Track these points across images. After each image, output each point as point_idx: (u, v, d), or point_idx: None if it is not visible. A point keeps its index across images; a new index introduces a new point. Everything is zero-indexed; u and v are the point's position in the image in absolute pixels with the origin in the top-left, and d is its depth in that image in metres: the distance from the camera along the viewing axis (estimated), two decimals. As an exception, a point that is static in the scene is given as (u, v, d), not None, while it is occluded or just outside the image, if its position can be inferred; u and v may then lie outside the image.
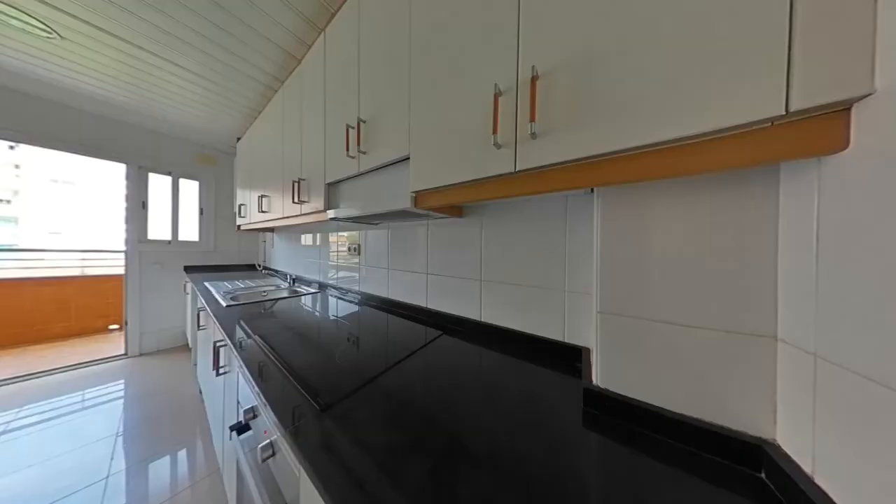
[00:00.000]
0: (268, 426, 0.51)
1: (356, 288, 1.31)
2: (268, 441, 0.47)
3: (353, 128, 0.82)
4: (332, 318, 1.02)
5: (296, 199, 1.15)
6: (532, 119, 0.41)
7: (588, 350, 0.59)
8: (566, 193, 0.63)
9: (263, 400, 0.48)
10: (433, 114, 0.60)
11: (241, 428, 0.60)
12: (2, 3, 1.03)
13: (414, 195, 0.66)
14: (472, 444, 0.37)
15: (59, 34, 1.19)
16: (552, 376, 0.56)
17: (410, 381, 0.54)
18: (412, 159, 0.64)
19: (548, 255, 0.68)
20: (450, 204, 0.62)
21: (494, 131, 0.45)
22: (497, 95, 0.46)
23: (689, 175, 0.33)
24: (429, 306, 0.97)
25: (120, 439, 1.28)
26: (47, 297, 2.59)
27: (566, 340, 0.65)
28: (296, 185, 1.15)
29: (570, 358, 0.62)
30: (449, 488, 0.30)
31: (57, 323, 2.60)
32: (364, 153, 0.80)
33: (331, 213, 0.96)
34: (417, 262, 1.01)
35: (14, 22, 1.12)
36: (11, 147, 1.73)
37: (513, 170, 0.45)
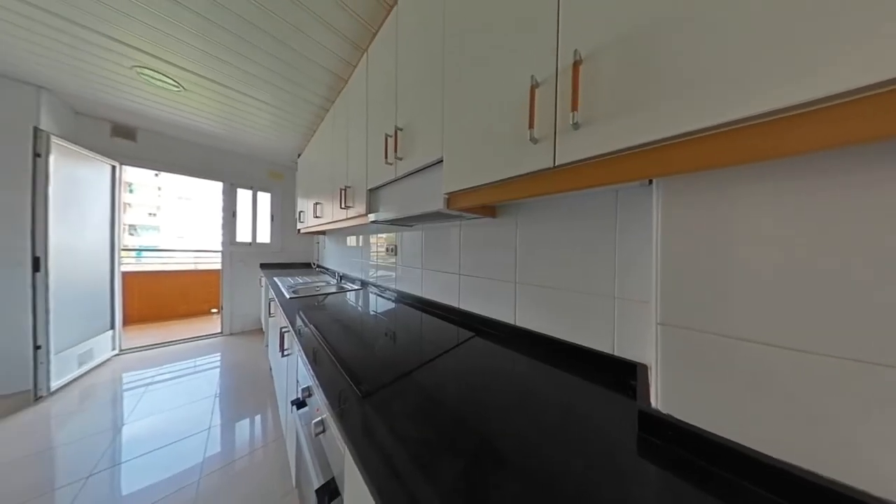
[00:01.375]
0: (320, 405, 0.57)
1: (393, 286, 1.40)
2: (320, 418, 0.54)
3: (390, 136, 0.87)
4: (371, 313, 1.11)
5: (342, 205, 1.28)
6: (574, 108, 0.37)
7: (645, 367, 0.51)
8: (616, 187, 0.56)
9: (316, 382, 0.55)
10: (465, 115, 0.59)
11: (299, 403, 0.69)
12: (151, 69, 1.42)
13: (447, 196, 0.67)
14: (505, 452, 0.35)
15: (183, 87, 1.57)
16: (598, 392, 0.50)
17: (442, 379, 0.54)
18: (445, 161, 0.65)
19: (592, 257, 0.61)
20: (483, 204, 0.61)
21: (531, 125, 0.43)
22: (533, 87, 0.43)
23: (797, 154, 0.26)
24: (461, 307, 0.97)
25: (217, 399, 1.62)
26: (175, 286, 3.44)
27: (616, 354, 0.57)
28: (342, 192, 1.28)
29: (622, 374, 0.54)
30: (480, 493, 0.29)
31: (180, 305, 3.42)
32: (400, 159, 0.84)
33: (371, 217, 1.05)
34: (450, 263, 1.02)
35: (156, 82, 1.53)
36: (156, 175, 2.33)
37: (551, 165, 0.42)
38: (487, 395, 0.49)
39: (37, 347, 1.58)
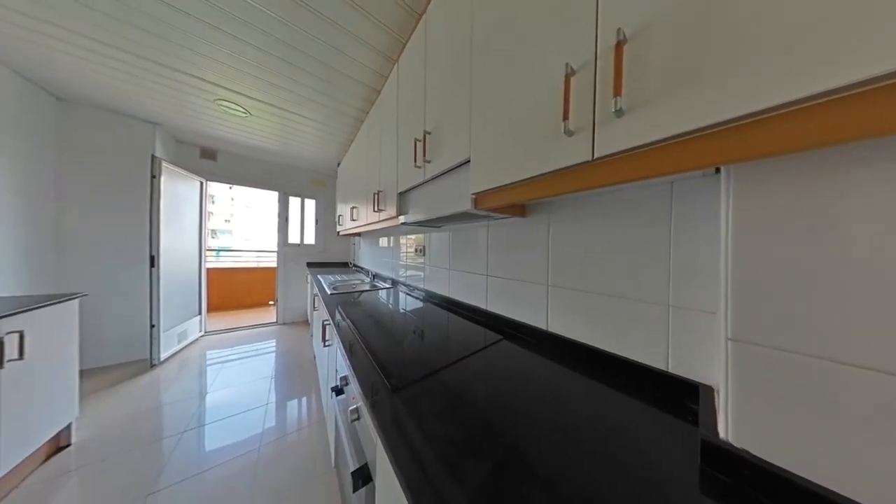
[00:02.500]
0: (355, 394, 0.62)
1: (421, 286, 1.43)
2: (355, 406, 0.58)
3: (419, 140, 0.90)
4: (401, 311, 1.15)
5: (375, 208, 1.36)
6: (617, 93, 0.33)
7: (710, 389, 0.43)
8: (672, 178, 0.48)
9: (352, 372, 0.59)
10: (494, 113, 0.58)
11: (338, 391, 0.76)
12: (227, 100, 1.71)
13: (474, 197, 0.66)
14: (536, 464, 0.33)
15: (249, 112, 1.86)
16: (646, 411, 0.44)
17: (470, 381, 0.54)
18: (472, 161, 0.64)
19: (640, 259, 0.54)
20: (512, 203, 0.59)
21: (565, 117, 0.40)
22: (568, 76, 0.40)
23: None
24: (488, 308, 0.95)
25: (273, 380, 1.87)
26: (243, 280, 4.08)
27: (671, 371, 0.49)
28: (375, 196, 1.36)
29: (678, 394, 0.47)
30: (510, 502, 0.28)
31: (246, 297, 4.04)
32: (429, 162, 0.86)
33: (401, 219, 1.09)
34: (477, 264, 1.01)
35: (230, 110, 1.83)
36: (230, 187, 2.81)
37: (590, 158, 0.38)
38: (517, 402, 0.47)
39: (152, 326, 2.04)
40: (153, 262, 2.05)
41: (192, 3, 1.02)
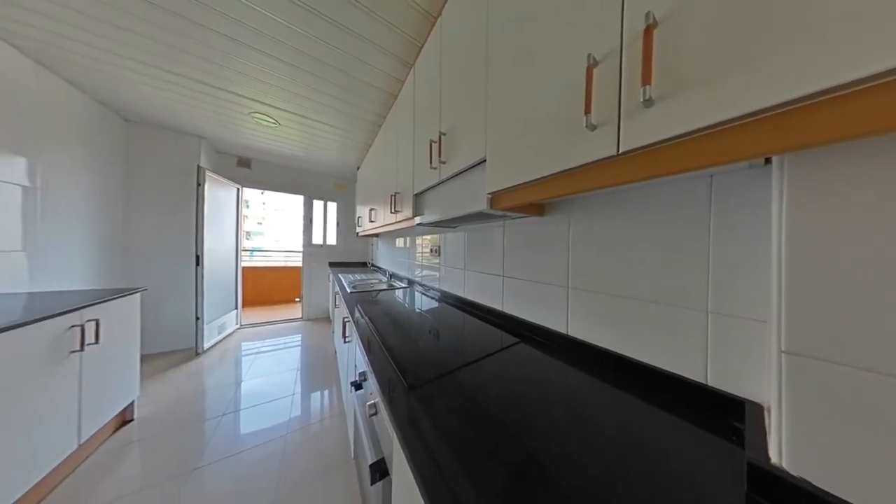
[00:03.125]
0: (373, 389, 0.64)
1: (436, 286, 1.45)
2: (373, 402, 0.60)
3: (435, 142, 0.91)
4: (417, 310, 1.17)
5: (392, 210, 1.40)
6: (646, 82, 0.31)
7: (758, 407, 0.39)
8: (711, 171, 0.44)
9: (370, 368, 0.61)
10: (510, 110, 0.57)
11: (357, 385, 0.79)
12: (260, 113, 1.86)
13: (490, 196, 0.66)
14: (556, 473, 0.32)
15: (279, 123, 2.01)
16: (681, 428, 0.41)
17: (485, 382, 0.53)
18: (488, 161, 0.64)
19: (674, 260, 0.50)
20: (529, 202, 0.57)
21: (587, 110, 0.38)
22: (591, 68, 0.38)
23: None
24: (504, 310, 0.93)
25: (299, 372, 1.99)
26: (272, 278, 4.40)
27: (710, 384, 0.45)
28: (392, 197, 1.40)
29: (719, 410, 0.43)
30: (525, 514, 0.28)
31: (275, 294, 4.36)
32: (444, 163, 0.87)
33: (417, 220, 1.11)
34: (493, 264, 1.00)
35: (262, 122, 1.99)
36: (262, 193, 3.05)
37: (614, 152, 0.36)
38: (535, 408, 0.45)
39: (197, 318, 2.27)
40: (198, 260, 2.28)
41: (232, 27, 1.12)
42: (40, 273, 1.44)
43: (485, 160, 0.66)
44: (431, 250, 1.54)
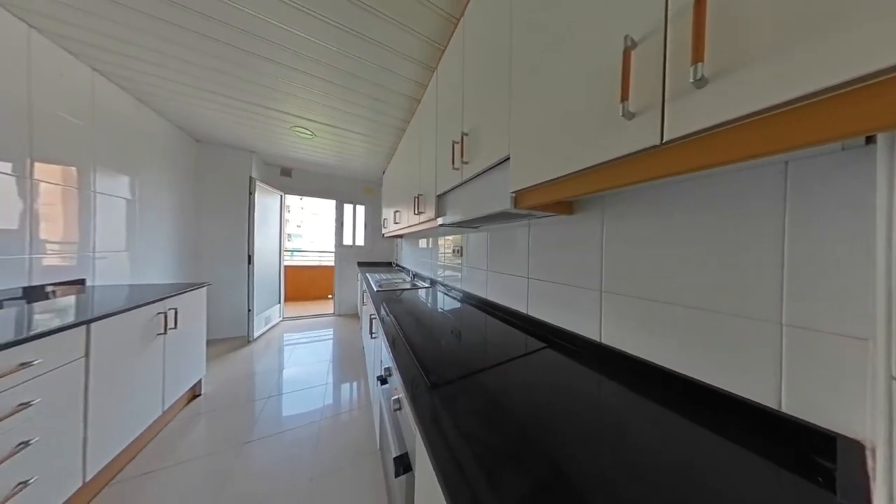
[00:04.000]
0: (397, 385, 0.66)
1: (458, 286, 1.45)
2: (397, 397, 0.62)
3: (457, 142, 0.91)
4: (439, 310, 1.18)
5: (415, 211, 1.44)
6: (698, 59, 0.27)
7: (857, 445, 0.32)
8: (788, 157, 0.37)
9: (394, 364, 0.64)
10: (535, 105, 0.55)
11: (382, 380, 0.83)
12: (299, 126, 2.05)
13: (514, 195, 0.64)
14: (585, 492, 0.30)
15: (315, 134, 2.19)
16: (743, 459, 0.35)
17: (508, 387, 0.52)
18: (512, 159, 0.62)
19: (736, 262, 0.43)
20: (557, 200, 0.54)
21: (624, 97, 0.35)
22: (628, 50, 0.35)
23: None
24: (529, 313, 0.89)
25: (331, 363, 2.15)
26: (309, 276, 4.82)
27: (785, 411, 0.38)
28: (416, 199, 1.44)
29: (798, 443, 0.36)
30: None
31: (311, 290, 4.76)
32: (466, 163, 0.87)
33: (440, 220, 1.12)
34: (517, 265, 0.97)
35: (301, 134, 2.19)
36: (301, 199, 3.36)
37: (657, 142, 0.33)
38: (563, 418, 0.43)
39: (249, 310, 2.59)
40: (250, 259, 2.60)
41: (276, 52, 1.26)
42: (137, 269, 1.78)
43: (508, 158, 0.64)
44: (454, 251, 1.54)
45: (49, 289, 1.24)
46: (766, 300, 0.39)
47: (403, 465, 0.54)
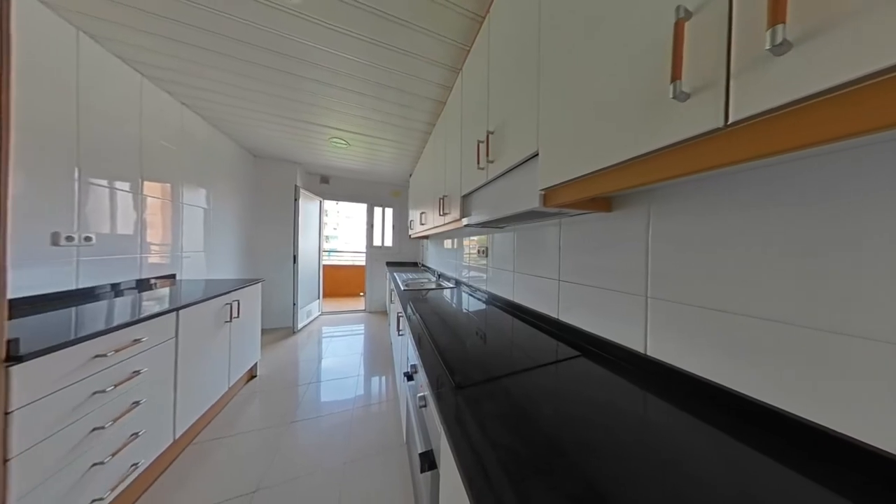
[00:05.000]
0: (422, 383, 0.68)
1: (483, 287, 1.43)
2: (423, 394, 0.64)
3: (482, 142, 0.91)
4: (464, 311, 1.18)
5: (441, 212, 1.46)
6: (778, 19, 0.23)
7: None
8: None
9: (420, 362, 0.66)
10: (567, 95, 0.52)
11: (409, 376, 0.86)
12: (336, 137, 2.25)
13: (543, 193, 0.61)
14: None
15: (349, 143, 2.38)
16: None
17: (537, 394, 0.50)
18: (541, 155, 0.60)
19: (825, 268, 0.35)
20: (592, 196, 0.50)
21: (675, 77, 0.30)
22: (681, 22, 0.31)
23: None
24: (560, 318, 0.84)
25: (362, 357, 2.30)
26: (343, 275, 5.22)
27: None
28: (441, 200, 1.46)
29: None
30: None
31: (344, 288, 5.15)
32: (491, 162, 0.86)
33: (465, 221, 1.12)
34: (546, 267, 0.92)
35: (337, 144, 2.40)
36: (337, 203, 3.67)
37: (721, 124, 0.28)
38: (601, 434, 0.40)
39: (294, 304, 2.90)
40: (295, 259, 2.92)
41: (316, 71, 1.40)
42: (210, 266, 2.13)
43: (536, 154, 0.62)
44: (479, 251, 1.53)
45: (152, 281, 1.56)
46: (879, 315, 0.31)
47: (429, 461, 0.55)
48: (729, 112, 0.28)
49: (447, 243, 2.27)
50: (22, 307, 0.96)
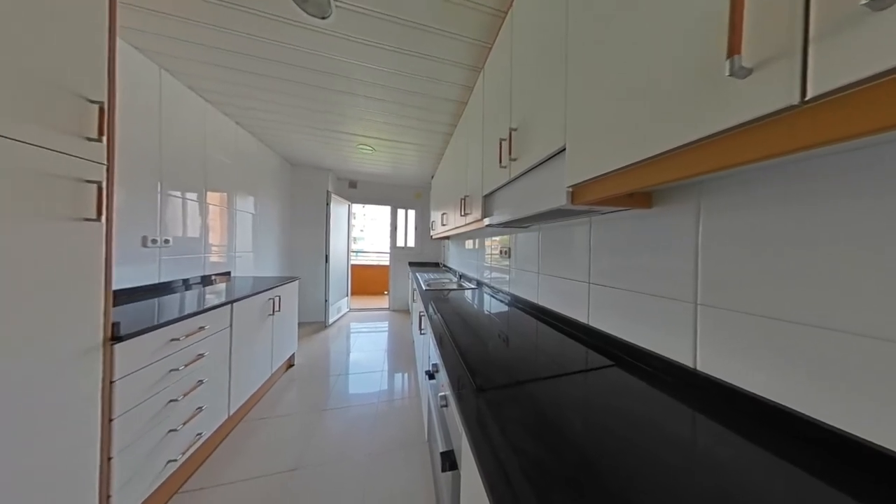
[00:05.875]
0: (444, 383, 0.69)
1: (506, 289, 1.39)
2: (444, 394, 0.65)
3: (504, 140, 0.89)
4: (486, 312, 1.17)
5: (462, 213, 1.46)
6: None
7: None
8: None
9: (441, 362, 0.66)
10: (599, 83, 0.48)
11: (430, 375, 0.87)
12: (363, 144, 2.38)
13: (570, 190, 0.58)
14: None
15: (374, 149, 2.50)
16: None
17: (564, 403, 0.47)
18: (569, 149, 0.56)
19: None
20: (628, 192, 0.46)
21: (733, 51, 0.26)
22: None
23: None
24: (590, 323, 0.79)
25: (386, 353, 2.39)
26: (368, 274, 5.49)
27: None
28: (462, 201, 1.46)
29: None
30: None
31: (370, 286, 5.41)
32: (514, 160, 0.83)
33: (486, 221, 1.11)
34: (575, 268, 0.87)
35: (364, 151, 2.53)
36: (363, 206, 3.87)
37: (797, 100, 0.24)
38: (640, 454, 0.36)
39: (326, 300, 3.13)
40: (326, 259, 3.16)
41: (346, 84, 1.49)
42: (257, 265, 2.40)
43: (563, 150, 0.58)
44: (501, 252, 1.50)
45: (213, 277, 1.81)
46: None
47: (450, 461, 0.56)
48: (807, 85, 0.23)
49: (468, 244, 2.26)
50: (120, 297, 1.19)
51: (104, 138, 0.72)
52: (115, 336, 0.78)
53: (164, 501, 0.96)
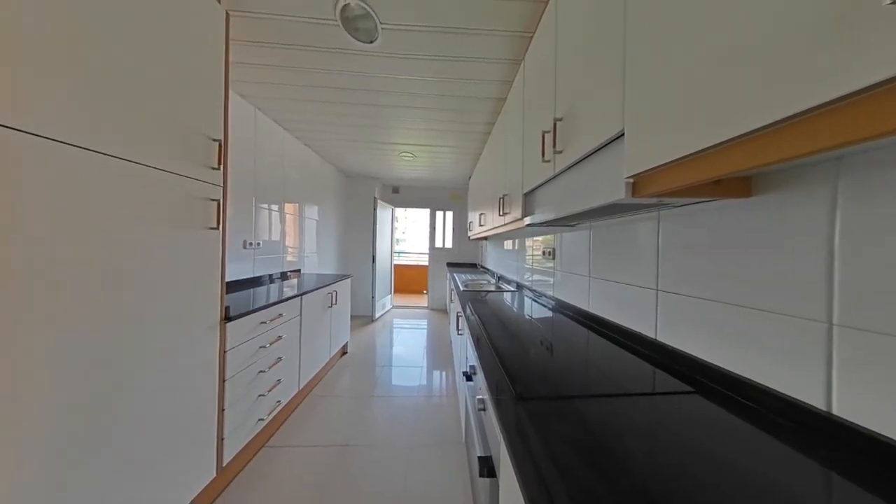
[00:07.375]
0: (481, 386, 0.68)
1: (550, 293, 1.29)
2: (481, 397, 0.63)
3: (548, 132, 0.83)
4: (527, 317, 1.10)
5: (500, 212, 1.41)
6: None
7: None
8: None
9: (479, 364, 0.65)
10: (675, 49, 0.40)
11: (468, 376, 0.87)
12: (405, 152, 2.55)
13: (630, 181, 0.50)
14: None
15: (414, 155, 2.64)
16: None
17: (620, 426, 0.41)
18: (628, 134, 0.49)
19: None
20: (716, 177, 0.37)
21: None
22: None
23: None
24: (659, 339, 0.66)
25: (426, 350, 2.49)
26: (409, 273, 5.82)
27: None
28: (500, 200, 1.42)
29: None
30: None
31: (411, 285, 5.72)
32: (559, 152, 0.77)
33: (527, 220, 1.05)
34: (637, 272, 0.75)
35: (405, 158, 2.71)
36: (405, 210, 4.12)
37: None
38: None
39: (372, 297, 3.45)
40: (373, 259, 3.48)
41: (391, 98, 1.62)
42: (320, 264, 2.81)
43: (621, 135, 0.51)
44: (544, 253, 1.39)
45: (288, 273, 2.19)
46: None
47: (488, 467, 0.54)
48: None
49: (507, 244, 2.18)
50: (228, 287, 1.54)
51: (221, 167, 0.96)
52: (227, 317, 1.02)
53: (254, 451, 1.21)
